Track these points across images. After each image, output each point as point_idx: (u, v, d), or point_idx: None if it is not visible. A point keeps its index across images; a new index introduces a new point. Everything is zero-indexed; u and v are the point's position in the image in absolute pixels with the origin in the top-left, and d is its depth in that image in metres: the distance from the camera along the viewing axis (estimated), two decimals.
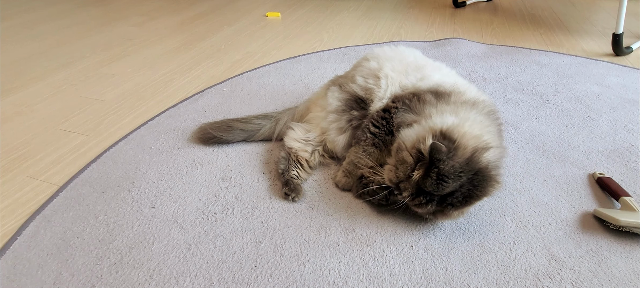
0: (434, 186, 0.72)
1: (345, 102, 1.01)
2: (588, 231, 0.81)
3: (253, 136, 1.12)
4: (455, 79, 0.99)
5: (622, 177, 0.94)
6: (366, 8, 2.55)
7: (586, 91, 1.34)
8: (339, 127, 1.00)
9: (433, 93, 0.90)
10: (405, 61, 1.02)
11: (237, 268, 0.75)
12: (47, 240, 0.83)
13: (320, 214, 0.87)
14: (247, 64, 1.72)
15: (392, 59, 1.03)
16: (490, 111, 0.89)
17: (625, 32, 1.74)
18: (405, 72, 0.99)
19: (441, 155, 0.72)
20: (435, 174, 0.72)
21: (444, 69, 1.04)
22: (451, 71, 1.04)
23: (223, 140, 1.11)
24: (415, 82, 0.96)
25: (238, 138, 1.12)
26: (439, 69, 1.02)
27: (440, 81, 0.95)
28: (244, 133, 1.11)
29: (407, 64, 1.01)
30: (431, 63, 1.04)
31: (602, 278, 0.71)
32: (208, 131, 1.11)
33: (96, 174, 1.02)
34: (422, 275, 0.73)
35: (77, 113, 1.36)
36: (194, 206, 0.91)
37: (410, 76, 0.97)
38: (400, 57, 1.04)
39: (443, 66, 1.05)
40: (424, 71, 0.98)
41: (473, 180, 0.73)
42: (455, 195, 0.73)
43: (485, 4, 2.54)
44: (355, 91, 1.01)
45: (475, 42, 1.84)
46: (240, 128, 1.11)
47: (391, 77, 0.98)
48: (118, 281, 0.74)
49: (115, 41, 2.06)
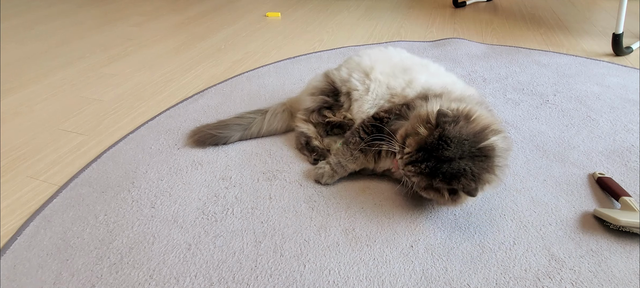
0: (435, 145, 0.75)
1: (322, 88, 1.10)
2: (588, 231, 0.81)
3: (248, 129, 1.13)
4: (444, 78, 1.02)
5: (622, 177, 0.94)
6: (366, 8, 2.55)
7: (586, 91, 1.34)
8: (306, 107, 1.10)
9: (422, 98, 0.91)
10: (391, 62, 1.07)
11: (237, 268, 0.75)
12: (47, 240, 0.83)
13: (320, 214, 0.87)
14: (247, 64, 1.72)
15: (381, 60, 1.07)
16: (480, 102, 0.93)
17: (625, 32, 1.74)
18: (392, 74, 1.03)
19: (447, 119, 0.76)
20: (438, 135, 0.75)
21: (431, 66, 1.06)
22: (438, 68, 1.07)
23: (220, 136, 1.11)
24: (404, 86, 0.98)
25: (234, 134, 1.12)
26: (426, 67, 1.05)
27: (427, 84, 0.97)
28: (240, 127, 1.12)
29: (393, 65, 1.05)
30: (418, 62, 1.07)
31: (602, 278, 0.71)
32: (204, 131, 1.11)
33: (96, 174, 1.02)
34: (422, 275, 0.73)
35: (77, 113, 1.36)
36: (194, 206, 0.91)
37: (398, 79, 1.01)
38: (387, 58, 1.09)
39: (430, 63, 1.07)
40: (411, 74, 1.01)
41: (475, 157, 0.75)
42: (451, 165, 0.74)
43: (485, 4, 2.54)
44: (334, 79, 1.09)
45: (475, 42, 1.84)
46: (235, 123, 1.13)
47: (379, 80, 1.02)
48: (118, 281, 0.74)
49: (115, 41, 2.06)
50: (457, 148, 0.74)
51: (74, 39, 2.11)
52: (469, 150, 0.75)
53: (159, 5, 2.76)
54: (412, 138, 0.80)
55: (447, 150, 0.74)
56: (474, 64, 1.60)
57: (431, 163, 0.76)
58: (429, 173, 0.76)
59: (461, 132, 0.75)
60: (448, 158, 0.74)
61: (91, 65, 1.76)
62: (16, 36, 2.20)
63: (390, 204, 0.89)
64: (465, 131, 0.76)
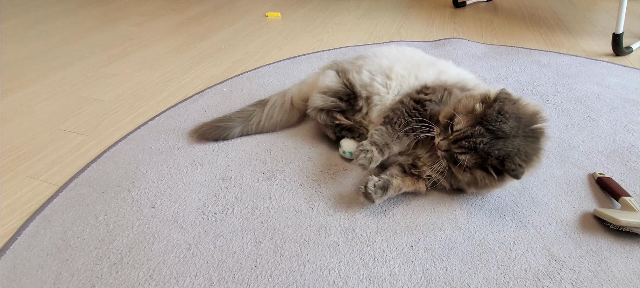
0: (494, 118, 0.75)
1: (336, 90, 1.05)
2: (588, 231, 0.81)
3: (248, 121, 1.13)
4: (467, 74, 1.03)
5: (622, 177, 0.94)
6: (366, 8, 2.55)
7: (586, 91, 1.34)
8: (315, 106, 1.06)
9: (460, 88, 0.93)
10: (414, 59, 1.06)
11: (237, 268, 0.75)
12: (47, 240, 0.83)
13: (320, 214, 0.87)
14: (247, 64, 1.71)
15: (401, 60, 1.06)
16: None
17: (625, 32, 1.74)
18: (418, 66, 1.01)
19: (508, 96, 0.77)
20: (498, 108, 0.76)
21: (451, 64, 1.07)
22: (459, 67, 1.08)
23: (223, 127, 1.11)
24: (437, 75, 0.98)
25: (236, 126, 1.13)
26: (449, 65, 1.06)
27: (460, 76, 0.98)
28: (241, 120, 1.13)
29: (418, 61, 1.05)
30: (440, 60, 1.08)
31: (602, 278, 0.71)
32: (208, 124, 1.13)
33: (96, 174, 1.02)
34: (422, 275, 0.73)
35: (77, 112, 1.36)
36: (194, 206, 0.91)
37: (428, 71, 1.00)
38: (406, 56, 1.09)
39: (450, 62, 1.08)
40: (439, 66, 1.02)
41: (528, 137, 0.76)
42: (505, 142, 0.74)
43: (485, 4, 2.54)
44: (353, 82, 1.04)
45: (475, 42, 1.84)
46: (237, 116, 1.14)
47: (402, 75, 1.01)
48: (118, 281, 0.74)
49: (115, 41, 2.06)
50: (514, 124, 0.75)
51: (74, 39, 2.11)
52: (523, 130, 0.76)
53: (159, 5, 2.76)
54: (463, 116, 0.79)
55: (506, 124, 0.75)
56: (474, 64, 1.60)
57: (485, 139, 0.75)
58: (481, 149, 0.75)
59: (519, 110, 0.77)
60: (504, 134, 0.74)
61: (91, 65, 1.76)
62: (16, 36, 2.20)
63: (391, 204, 0.89)
64: (522, 111, 0.78)
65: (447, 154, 0.81)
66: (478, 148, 0.75)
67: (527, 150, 0.75)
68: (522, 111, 0.78)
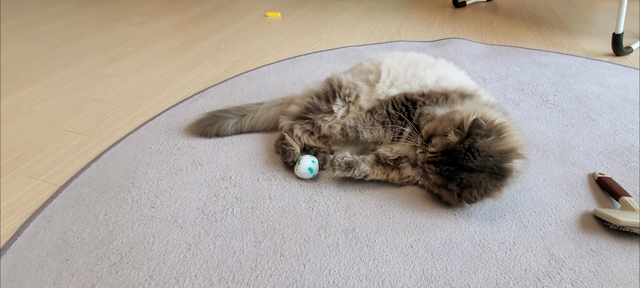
0: (462, 155, 0.76)
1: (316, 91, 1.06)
2: (588, 231, 0.81)
3: (243, 118, 1.14)
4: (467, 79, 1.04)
5: (622, 177, 0.94)
6: (366, 8, 2.55)
7: (586, 91, 1.34)
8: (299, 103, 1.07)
9: (459, 94, 0.94)
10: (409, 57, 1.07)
11: (237, 268, 0.75)
12: (47, 240, 0.83)
13: (320, 214, 0.87)
14: (247, 64, 1.71)
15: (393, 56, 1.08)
16: (504, 112, 0.93)
17: (625, 32, 1.74)
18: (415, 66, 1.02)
19: (480, 131, 0.76)
20: (468, 145, 0.77)
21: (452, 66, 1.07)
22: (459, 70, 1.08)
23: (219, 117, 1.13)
24: (437, 80, 0.98)
25: (231, 119, 1.14)
26: (447, 66, 1.06)
27: (460, 83, 0.98)
28: (237, 115, 1.15)
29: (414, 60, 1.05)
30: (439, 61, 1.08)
31: (602, 278, 0.71)
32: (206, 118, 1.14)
33: (96, 174, 1.02)
34: (422, 275, 0.73)
35: (77, 112, 1.36)
36: (194, 206, 0.91)
37: (428, 72, 1.00)
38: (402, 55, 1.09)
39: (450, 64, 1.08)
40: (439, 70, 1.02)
41: (493, 174, 0.77)
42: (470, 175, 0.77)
43: (485, 4, 2.54)
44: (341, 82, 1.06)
45: (475, 42, 1.84)
46: (235, 110, 1.15)
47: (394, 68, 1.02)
48: (118, 281, 0.74)
49: (115, 41, 2.06)
50: (481, 161, 0.76)
51: (74, 39, 2.11)
52: (490, 166, 0.77)
53: (159, 5, 2.76)
54: (440, 139, 0.81)
55: (472, 162, 0.76)
56: (474, 64, 1.60)
57: (452, 168, 0.78)
58: (447, 176, 0.79)
59: (490, 147, 0.77)
60: (469, 168, 0.77)
61: (91, 65, 1.76)
62: (16, 36, 2.20)
63: (391, 204, 0.89)
64: (493, 148, 0.77)
65: (421, 167, 0.86)
66: (443, 174, 0.80)
67: (488, 186, 0.78)
68: (495, 147, 0.77)
